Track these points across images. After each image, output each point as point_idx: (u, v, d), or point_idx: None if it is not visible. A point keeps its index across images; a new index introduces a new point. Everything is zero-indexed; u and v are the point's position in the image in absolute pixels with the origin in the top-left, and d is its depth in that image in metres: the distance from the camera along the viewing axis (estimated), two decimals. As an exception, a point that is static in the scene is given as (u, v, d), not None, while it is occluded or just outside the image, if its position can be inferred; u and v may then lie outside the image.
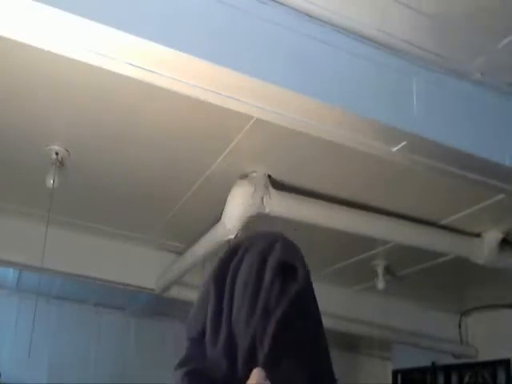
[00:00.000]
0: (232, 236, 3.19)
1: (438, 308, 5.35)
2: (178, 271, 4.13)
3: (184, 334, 1.04)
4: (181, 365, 0.96)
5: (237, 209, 3.07)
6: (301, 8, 2.00)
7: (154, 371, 6.31)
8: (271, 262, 0.97)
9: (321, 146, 2.75)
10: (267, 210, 3.07)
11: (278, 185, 3.16)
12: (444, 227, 3.65)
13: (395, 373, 6.34)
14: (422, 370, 5.99)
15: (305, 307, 0.95)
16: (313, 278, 1.00)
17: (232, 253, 1.03)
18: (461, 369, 5.59)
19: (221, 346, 0.95)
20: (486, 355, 5.34)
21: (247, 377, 0.90)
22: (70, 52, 1.84)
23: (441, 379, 5.79)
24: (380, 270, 4.34)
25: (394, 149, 2.21)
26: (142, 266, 4.45)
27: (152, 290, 4.49)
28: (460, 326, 5.52)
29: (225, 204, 3.13)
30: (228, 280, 0.99)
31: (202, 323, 0.99)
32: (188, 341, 1.00)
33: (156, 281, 4.44)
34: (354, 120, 2.07)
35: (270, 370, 0.89)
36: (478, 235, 3.70)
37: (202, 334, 0.99)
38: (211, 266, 1.06)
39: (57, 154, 3.03)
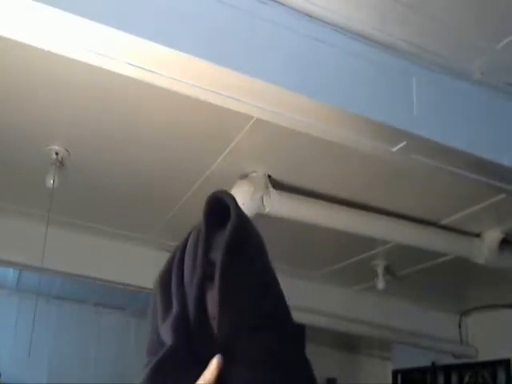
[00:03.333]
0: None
1: (438, 308, 5.35)
2: (177, 271, 4.12)
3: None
4: (144, 368, 0.90)
5: (237, 209, 3.06)
6: (301, 8, 2.00)
7: (153, 371, 6.31)
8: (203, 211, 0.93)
9: (321, 146, 2.75)
10: (267, 210, 3.07)
11: (278, 185, 3.16)
12: (444, 227, 3.65)
13: (395, 373, 6.34)
14: (422, 370, 5.99)
15: (244, 244, 0.90)
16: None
17: (171, 255, 1.00)
18: (461, 369, 5.59)
19: (172, 315, 0.89)
20: (486, 355, 5.34)
21: (201, 328, 0.86)
22: (70, 52, 1.83)
23: (441, 379, 5.79)
24: (380, 270, 4.35)
25: (394, 149, 2.21)
26: (142, 266, 4.44)
27: (152, 290, 4.49)
28: (460, 326, 5.52)
29: (225, 204, 3.13)
30: (174, 265, 0.95)
31: (156, 331, 0.94)
32: (148, 355, 0.94)
33: (156, 281, 4.43)
34: (353, 120, 2.07)
35: (223, 313, 0.85)
36: (478, 235, 3.70)
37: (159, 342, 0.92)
38: None
39: (57, 154, 3.03)
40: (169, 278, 0.95)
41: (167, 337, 0.89)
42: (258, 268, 0.92)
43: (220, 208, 0.93)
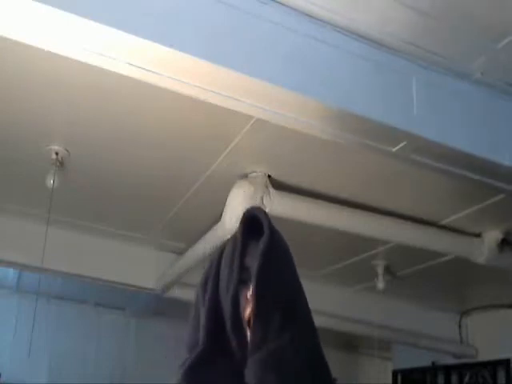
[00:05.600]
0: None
1: (438, 308, 5.35)
2: (178, 271, 4.13)
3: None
4: (180, 367, 1.01)
5: (237, 209, 3.07)
6: (301, 8, 2.00)
7: (153, 371, 6.32)
8: (239, 224, 1.04)
9: (321, 145, 2.75)
10: (267, 210, 3.07)
11: (278, 185, 3.16)
12: (444, 227, 3.65)
13: (395, 373, 6.34)
14: (422, 370, 6.00)
15: (276, 255, 1.01)
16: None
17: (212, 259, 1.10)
18: (461, 369, 5.59)
19: (203, 318, 1.00)
20: (486, 355, 5.34)
21: (236, 334, 0.96)
22: (70, 52, 1.84)
23: (441, 379, 5.79)
24: (380, 270, 4.35)
25: (394, 149, 2.21)
26: (142, 266, 4.45)
27: (152, 289, 4.49)
28: (460, 326, 5.52)
29: (225, 204, 3.13)
30: (212, 271, 1.06)
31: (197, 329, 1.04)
32: (187, 350, 1.05)
33: (156, 281, 4.44)
34: (353, 120, 2.07)
35: (259, 328, 0.94)
36: (478, 235, 3.70)
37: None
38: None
39: (57, 154, 3.03)
40: (207, 283, 1.07)
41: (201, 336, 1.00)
42: (288, 276, 1.03)
43: (252, 221, 1.04)
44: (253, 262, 0.98)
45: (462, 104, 2.28)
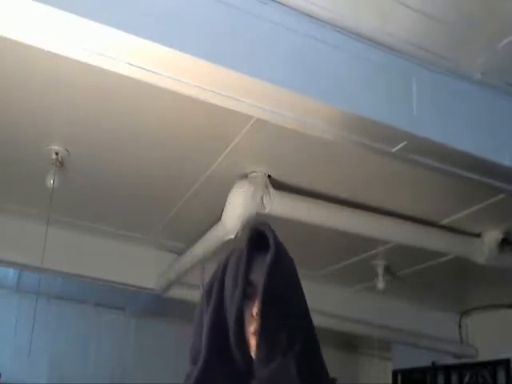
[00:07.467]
0: (232, 236, 3.20)
1: (437, 308, 5.35)
2: (178, 271, 4.13)
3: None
4: (185, 381, 1.02)
5: (237, 209, 3.07)
6: (301, 8, 2.00)
7: (153, 371, 6.31)
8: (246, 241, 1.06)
9: (321, 145, 2.75)
10: (267, 210, 3.07)
11: (278, 185, 3.16)
12: (444, 227, 3.65)
13: (395, 373, 6.34)
14: (422, 370, 5.99)
15: (282, 272, 1.03)
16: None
17: (217, 269, 1.11)
18: (461, 369, 5.59)
19: (206, 328, 1.01)
20: (486, 355, 5.34)
21: (240, 348, 0.97)
22: (70, 52, 1.84)
23: (441, 379, 5.79)
24: (380, 270, 4.35)
25: (394, 149, 2.21)
26: (142, 266, 4.45)
27: (152, 289, 4.49)
28: (460, 326, 5.52)
29: (225, 204, 3.13)
30: (217, 279, 1.07)
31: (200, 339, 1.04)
32: (190, 359, 1.06)
33: (156, 281, 4.44)
34: (353, 120, 2.07)
35: (265, 346, 0.95)
36: (478, 235, 3.71)
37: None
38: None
39: (57, 154, 3.03)
40: (211, 291, 1.08)
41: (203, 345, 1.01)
42: (294, 293, 1.05)
43: (257, 234, 1.07)
44: (258, 278, 1.00)
45: (462, 104, 2.28)
